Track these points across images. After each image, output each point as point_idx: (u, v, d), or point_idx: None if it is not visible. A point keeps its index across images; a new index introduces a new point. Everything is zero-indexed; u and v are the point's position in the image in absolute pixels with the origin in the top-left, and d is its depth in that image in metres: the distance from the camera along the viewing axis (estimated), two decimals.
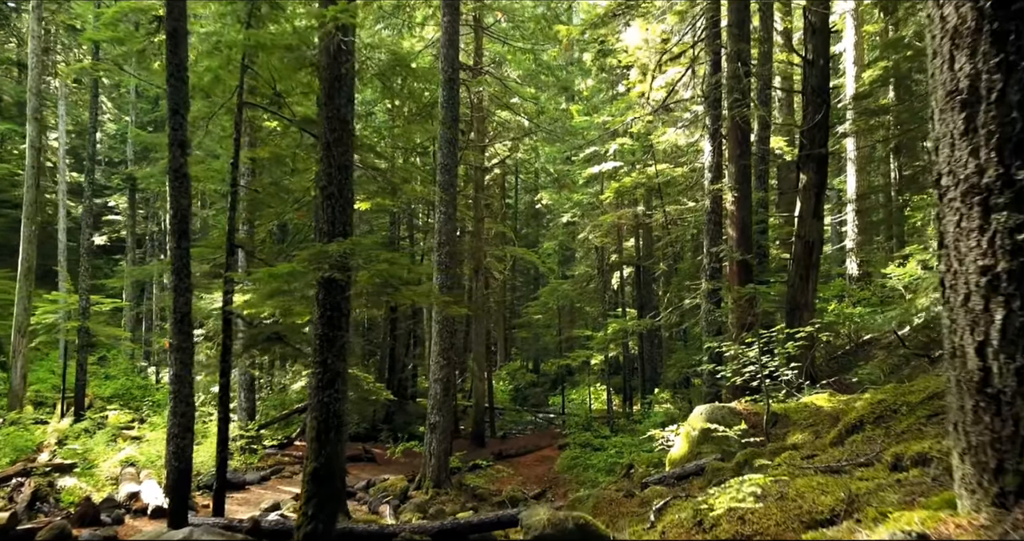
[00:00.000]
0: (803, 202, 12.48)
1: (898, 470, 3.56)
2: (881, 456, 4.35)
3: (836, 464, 4.46)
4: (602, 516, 7.10)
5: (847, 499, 3.23)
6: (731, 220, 13.28)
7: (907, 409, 5.46)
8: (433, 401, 14.67)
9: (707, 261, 13.71)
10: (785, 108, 22.26)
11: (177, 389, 8.31)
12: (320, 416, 6.93)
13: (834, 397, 8.72)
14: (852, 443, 5.23)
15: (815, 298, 12.92)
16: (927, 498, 2.80)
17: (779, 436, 8.08)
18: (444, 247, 14.57)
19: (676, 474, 8.02)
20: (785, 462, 5.13)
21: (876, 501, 3.05)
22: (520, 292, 40.30)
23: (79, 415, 18.96)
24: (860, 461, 4.37)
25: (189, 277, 8.40)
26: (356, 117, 24.30)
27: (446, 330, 14.58)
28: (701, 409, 9.03)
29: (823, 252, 13.72)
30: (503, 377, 34.43)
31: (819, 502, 3.35)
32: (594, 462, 17.18)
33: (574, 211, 26.82)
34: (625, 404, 26.21)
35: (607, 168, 22.29)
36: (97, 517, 10.64)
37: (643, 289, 25.20)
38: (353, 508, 13.20)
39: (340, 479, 11.39)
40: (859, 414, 5.87)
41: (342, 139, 7.24)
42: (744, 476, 3.46)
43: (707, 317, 13.26)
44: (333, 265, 6.66)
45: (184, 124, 8.47)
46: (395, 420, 25.43)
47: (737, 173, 13.04)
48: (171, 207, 8.44)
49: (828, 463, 4.58)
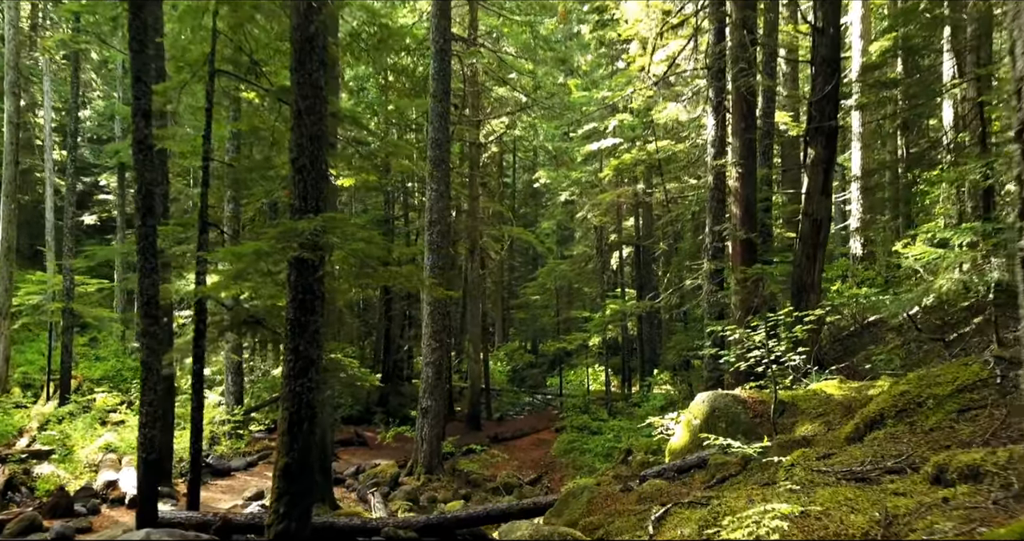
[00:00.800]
0: (811, 178, 11.90)
1: (941, 484, 3.03)
2: (913, 461, 3.82)
3: (860, 468, 3.94)
4: (596, 514, 6.61)
5: (883, 520, 2.71)
6: (735, 197, 12.69)
7: (934, 403, 4.93)
8: (425, 385, 14.20)
9: (709, 240, 13.14)
10: (790, 82, 21.56)
11: (145, 376, 7.79)
12: (292, 407, 6.41)
13: (845, 384, 8.21)
14: (874, 442, 4.70)
15: (821, 279, 12.39)
16: (990, 528, 2.27)
17: (787, 426, 7.58)
18: (436, 226, 14.00)
19: (676, 467, 7.53)
20: (799, 462, 4.60)
21: (922, 526, 2.52)
22: (518, 272, 39.77)
23: (64, 398, 18.47)
24: (888, 465, 3.84)
25: (156, 257, 7.85)
26: (348, 92, 23.59)
27: (438, 312, 14.05)
28: (703, 397, 8.52)
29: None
30: (501, 358, 34.02)
31: (849, 522, 2.83)
32: (591, 446, 16.75)
33: (572, 189, 26.18)
34: (624, 385, 25.78)
35: (606, 145, 21.61)
36: (70, 507, 10.18)
37: (643, 269, 24.66)
38: (341, 495, 12.76)
39: (322, 470, 10.96)
40: (879, 407, 5.35)
41: (315, 107, 6.64)
42: (766, 507, 2.94)
43: (709, 299, 12.72)
44: (303, 244, 6.10)
45: (148, 92, 7.87)
46: (390, 402, 25.01)
47: (741, 148, 12.43)
48: (136, 181, 7.86)
49: (850, 466, 4.05)
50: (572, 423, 19.17)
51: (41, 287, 19.93)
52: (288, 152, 6.71)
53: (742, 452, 3.95)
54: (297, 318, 6.51)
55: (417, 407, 14.33)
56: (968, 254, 7.31)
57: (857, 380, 9.32)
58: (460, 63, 19.04)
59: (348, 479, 13.67)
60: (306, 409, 6.46)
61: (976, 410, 4.50)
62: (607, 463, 15.20)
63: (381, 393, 25.78)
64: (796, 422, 7.47)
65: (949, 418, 4.58)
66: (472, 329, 22.05)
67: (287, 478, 6.33)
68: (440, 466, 14.13)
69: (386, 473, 13.71)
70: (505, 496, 13.65)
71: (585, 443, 17.24)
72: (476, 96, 21.48)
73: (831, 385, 8.26)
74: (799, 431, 7.14)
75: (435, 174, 13.97)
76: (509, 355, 34.27)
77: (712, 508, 3.54)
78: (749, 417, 7.99)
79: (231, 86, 10.20)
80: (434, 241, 13.96)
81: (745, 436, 7.86)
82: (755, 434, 7.84)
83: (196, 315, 8.71)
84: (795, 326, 8.17)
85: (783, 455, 6.23)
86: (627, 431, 16.95)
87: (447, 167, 14.40)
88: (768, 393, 8.42)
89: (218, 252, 7.01)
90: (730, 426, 7.95)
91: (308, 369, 6.49)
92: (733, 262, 12.53)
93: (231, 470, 13.90)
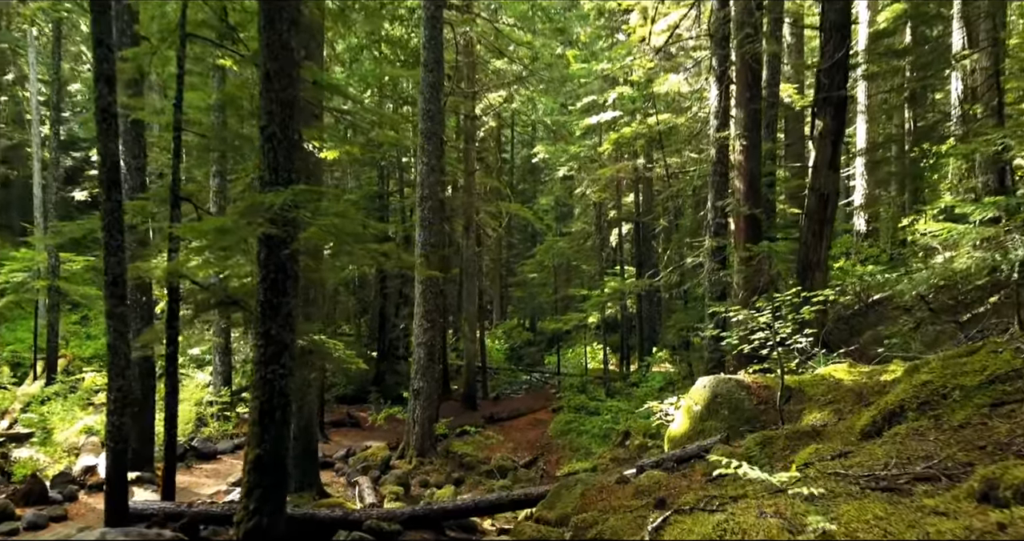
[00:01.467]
0: (818, 151, 11.35)
1: (991, 503, 2.57)
2: (946, 466, 3.36)
3: (885, 472, 3.48)
4: (590, 509, 6.18)
5: None
6: (738, 171, 12.16)
7: (961, 395, 4.47)
8: (417, 366, 13.77)
9: (711, 216, 12.61)
10: (795, 54, 20.87)
11: (112, 360, 7.33)
12: (263, 395, 5.95)
13: (855, 368, 7.75)
14: (895, 439, 4.24)
15: (828, 257, 11.90)
16: None
17: (794, 414, 7.14)
18: (427, 202, 13.48)
19: (676, 457, 7.09)
20: (813, 461, 4.14)
21: None
22: (517, 249, 39.23)
23: (51, 378, 18.10)
24: (917, 471, 3.38)
25: (122, 234, 7.34)
26: (341, 65, 22.87)
27: (430, 291, 13.58)
28: (704, 381, 8.07)
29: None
30: (499, 336, 33.63)
31: None
32: (588, 427, 16.38)
33: (571, 164, 25.56)
34: (622, 364, 25.40)
35: (606, 118, 20.99)
36: (45, 494, 9.79)
37: (642, 246, 24.15)
38: (330, 480, 12.39)
39: (308, 455, 10.56)
40: (898, 398, 4.88)
41: (285, 69, 6.10)
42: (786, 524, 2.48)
43: (710, 277, 12.23)
44: (271, 219, 5.60)
45: (111, 57, 7.31)
46: (385, 381, 24.64)
47: (746, 119, 11.87)
48: (99, 153, 7.34)
49: (873, 469, 3.59)
50: (569, 403, 18.80)
51: (26, 264, 19.44)
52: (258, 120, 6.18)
53: (761, 480, 3.48)
54: (268, 299, 6.03)
55: (409, 388, 13.91)
56: (989, 230, 6.83)
57: (866, 364, 8.87)
58: (453, 32, 18.38)
59: (338, 462, 13.29)
60: (278, 397, 6.01)
61: (1012, 405, 4.03)
62: (604, 446, 14.83)
63: (377, 372, 25.41)
64: (803, 410, 7.03)
65: (980, 413, 4.12)
66: (468, 307, 21.60)
67: (259, 471, 5.90)
68: (433, 449, 13.75)
69: (377, 456, 13.33)
70: (499, 479, 13.29)
71: (582, 424, 16.87)
72: (471, 67, 20.81)
73: (840, 369, 7.80)
74: (807, 419, 6.70)
75: (426, 147, 13.41)
76: (507, 333, 33.88)
77: (718, 524, 3.08)
78: (753, 404, 7.55)
79: (208, 52, 9.62)
80: (426, 217, 13.44)
81: (748, 424, 7.43)
82: (759, 422, 7.41)
83: (168, 295, 8.23)
84: (802, 307, 7.70)
85: (791, 448, 5.79)
86: (625, 412, 16.57)
87: (439, 140, 13.84)
88: (773, 378, 7.98)
89: (181, 227, 6.50)
90: (732, 413, 7.52)
91: (280, 354, 6.03)
92: (736, 239, 12.04)
93: (217, 453, 13.52)
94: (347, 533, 7.20)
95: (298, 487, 10.52)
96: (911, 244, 16.63)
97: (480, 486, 13.13)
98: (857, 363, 8.20)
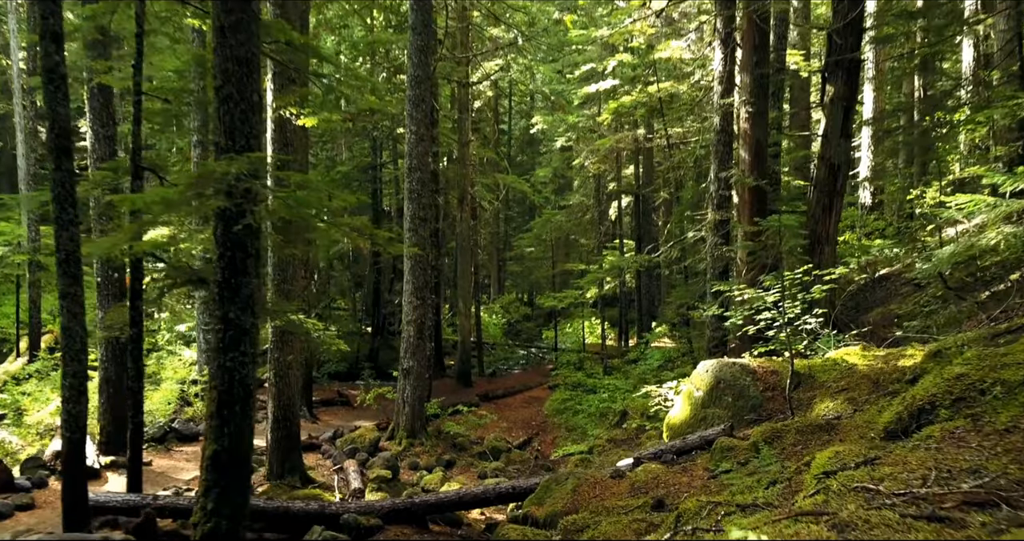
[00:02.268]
0: (828, 118, 10.71)
1: None
2: (1000, 484, 2.80)
3: (926, 490, 2.92)
4: (582, 509, 5.67)
5: None
6: (743, 140, 11.50)
7: (1003, 391, 3.91)
8: (407, 344, 13.24)
9: (714, 188, 11.98)
10: (801, 18, 20.04)
11: (66, 344, 6.78)
12: (222, 385, 5.40)
13: (869, 352, 7.20)
14: (929, 443, 3.68)
15: (838, 231, 11.30)
16: None
17: (804, 402, 6.60)
18: (415, 173, 12.83)
19: (676, 448, 6.57)
20: (834, 469, 3.60)
21: None
22: (515, 223, 38.57)
23: (33, 356, 17.59)
24: (965, 489, 2.83)
25: (75, 206, 6.74)
26: (331, 31, 22.01)
27: (419, 266, 12.99)
28: (707, 365, 7.52)
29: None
30: (496, 310, 33.12)
31: None
32: (585, 406, 15.92)
33: (569, 135, 24.81)
34: (620, 339, 24.92)
35: (605, 86, 20.22)
36: (11, 482, 9.31)
37: (643, 219, 23.50)
38: (315, 462, 11.92)
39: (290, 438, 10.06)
40: (927, 392, 4.32)
41: (242, 24, 5.45)
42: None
43: (712, 252, 11.63)
44: (223, 191, 5.00)
45: (57, 11, 6.64)
46: (380, 357, 24.18)
47: (752, 85, 11.18)
48: (47, 117, 6.70)
49: (909, 486, 3.04)
50: (566, 380, 18.34)
51: (7, 237, 18.83)
52: (214, 79, 5.54)
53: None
54: (227, 279, 5.45)
55: (399, 368, 13.40)
56: (1019, 203, 6.23)
57: (877, 345, 8.33)
58: None
59: (324, 444, 12.80)
60: (239, 388, 5.46)
61: None
62: (601, 426, 14.37)
63: (371, 348, 24.93)
64: (815, 398, 6.49)
65: None
66: (462, 283, 21.02)
67: (217, 469, 5.37)
68: (423, 429, 13.28)
69: (365, 438, 12.86)
70: (492, 461, 12.84)
71: (579, 403, 16.41)
72: (465, 33, 19.98)
73: (852, 353, 7.25)
74: (819, 409, 6.16)
75: (414, 115, 12.73)
76: (505, 308, 33.38)
77: None
78: (759, 390, 7.01)
79: (174, 10, 8.91)
80: (414, 190, 12.80)
81: (754, 412, 6.90)
82: (765, 410, 6.88)
83: (132, 273, 7.65)
84: (813, 286, 7.13)
85: (803, 443, 5.26)
86: (622, 390, 16.11)
87: (428, 107, 13.14)
88: (781, 362, 7.43)
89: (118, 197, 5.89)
90: (737, 400, 6.98)
91: (241, 340, 5.47)
92: (741, 212, 11.43)
93: (199, 435, 13.03)
94: (321, 529, 6.70)
95: (280, 473, 10.06)
96: (919, 217, 16.02)
97: (472, 468, 12.68)
98: (870, 346, 7.65)
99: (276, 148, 9.83)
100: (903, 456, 3.60)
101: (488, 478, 11.98)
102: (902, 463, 3.48)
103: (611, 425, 14.08)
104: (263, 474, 10.28)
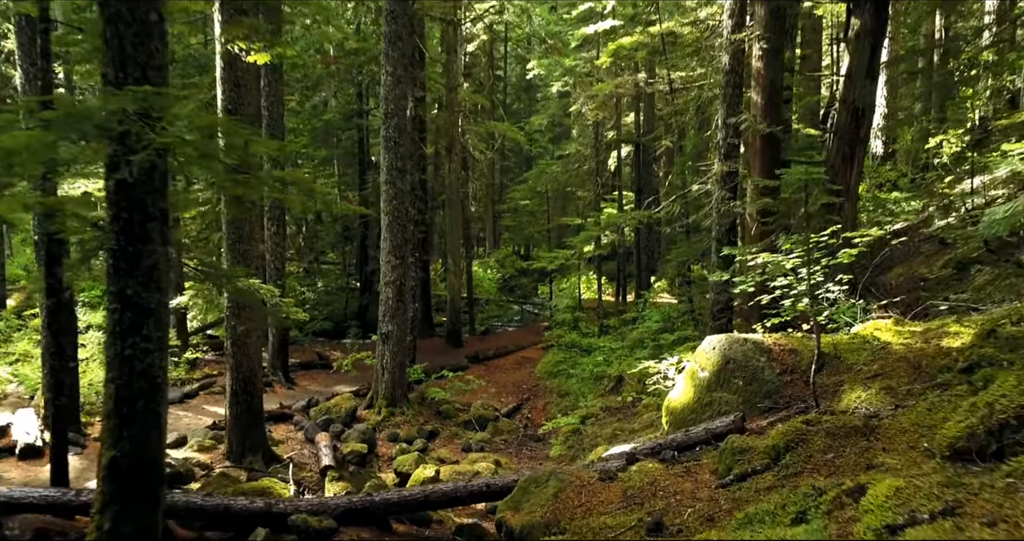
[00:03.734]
0: (853, 55, 9.48)
1: None
2: None
3: None
4: (564, 520, 4.71)
5: None
6: (756, 81, 10.28)
7: None
8: (385, 307, 12.26)
9: (722, 135, 10.76)
10: None
11: None
12: (120, 378, 4.39)
13: (904, 327, 6.16)
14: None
15: (859, 183, 10.19)
16: None
17: (829, 389, 5.58)
18: (392, 118, 11.63)
19: (677, 442, 5.59)
20: (900, 519, 2.60)
21: None
22: (512, 173, 37.19)
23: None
24: None
25: None
26: None
27: (397, 223, 11.91)
28: (714, 341, 6.50)
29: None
30: (491, 265, 32.11)
31: None
32: (579, 369, 15.04)
33: (566, 79, 23.35)
34: (618, 295, 23.92)
35: (604, 27, 18.76)
36: None
37: (643, 170, 22.27)
38: (285, 435, 11.06)
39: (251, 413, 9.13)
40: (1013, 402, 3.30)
41: None
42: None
43: (719, 207, 10.49)
44: (108, 135, 3.89)
45: None
46: (368, 314, 23.22)
47: (767, 17, 9.90)
48: None
49: None
50: (560, 341, 17.43)
51: None
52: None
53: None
54: (123, 248, 4.39)
55: (377, 332, 12.43)
56: None
57: (902, 312, 7.29)
58: None
59: (297, 414, 11.91)
60: (141, 380, 4.44)
61: None
62: (595, 391, 13.50)
63: (359, 304, 23.97)
64: (842, 384, 5.48)
65: None
66: (451, 238, 19.96)
67: (115, 480, 4.38)
68: (404, 397, 12.39)
69: (342, 407, 11.96)
70: (477, 431, 11.99)
71: (573, 365, 15.52)
72: None
73: (884, 327, 6.22)
74: (847, 399, 5.16)
75: (391, 54, 11.46)
76: (500, 262, 32.35)
77: None
78: (775, 373, 6.00)
79: None
80: (391, 137, 11.62)
81: (769, 399, 5.91)
82: (783, 397, 5.87)
83: (48, 236, 6.58)
84: (840, 250, 6.06)
85: (836, 451, 4.26)
86: (619, 353, 15.19)
87: (407, 46, 11.86)
88: (800, 338, 6.41)
89: None
90: (749, 384, 5.98)
91: (143, 323, 4.43)
92: (751, 162, 10.29)
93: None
94: (265, 532, 5.80)
95: (240, 452, 9.17)
96: (937, 167, 14.86)
97: (456, 439, 11.84)
98: (903, 318, 6.62)
99: (227, 89, 8.66)
100: (998, 504, 2.58)
101: (472, 451, 11.14)
102: (1000, 518, 2.46)
103: (606, 391, 13.21)
104: (222, 453, 9.40)
